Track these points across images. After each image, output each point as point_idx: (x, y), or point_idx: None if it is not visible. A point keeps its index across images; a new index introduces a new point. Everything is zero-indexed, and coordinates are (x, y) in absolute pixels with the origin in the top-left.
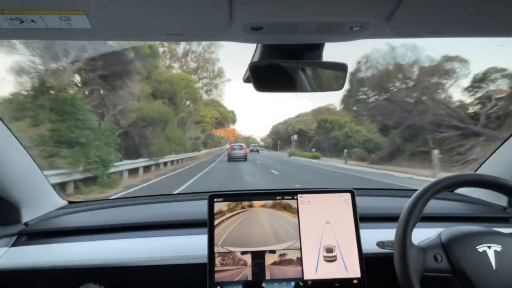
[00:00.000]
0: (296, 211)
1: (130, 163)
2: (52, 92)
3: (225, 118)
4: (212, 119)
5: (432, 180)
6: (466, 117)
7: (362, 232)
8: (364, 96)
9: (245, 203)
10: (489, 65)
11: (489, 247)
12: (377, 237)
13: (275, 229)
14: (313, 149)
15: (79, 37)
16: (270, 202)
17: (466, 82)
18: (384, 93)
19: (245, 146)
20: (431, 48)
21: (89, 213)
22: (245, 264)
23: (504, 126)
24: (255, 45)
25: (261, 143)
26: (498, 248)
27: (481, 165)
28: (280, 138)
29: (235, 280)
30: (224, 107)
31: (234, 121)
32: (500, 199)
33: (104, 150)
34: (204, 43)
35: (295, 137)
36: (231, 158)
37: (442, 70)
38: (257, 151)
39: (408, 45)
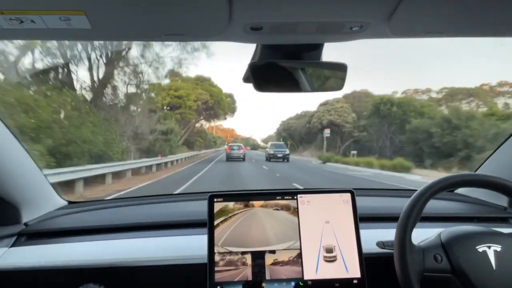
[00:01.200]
0: (296, 211)
1: None
2: None
3: (219, 103)
4: (198, 102)
5: (433, 180)
6: None
7: (362, 232)
8: None
9: (245, 203)
10: None
11: (489, 247)
12: (377, 237)
13: (275, 229)
14: (353, 152)
15: (79, 37)
16: (270, 202)
17: None
18: None
19: (243, 147)
20: None
21: (89, 213)
22: (245, 264)
23: None
24: (255, 45)
25: (262, 144)
26: (498, 248)
27: (481, 165)
28: (292, 136)
29: (235, 280)
30: (218, 87)
31: (233, 110)
32: (500, 199)
33: None
34: None
35: (327, 132)
36: (230, 158)
37: None
38: (285, 158)
39: None
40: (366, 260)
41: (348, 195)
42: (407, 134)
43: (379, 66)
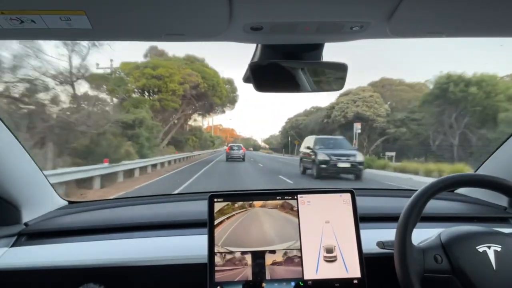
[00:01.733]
0: (296, 211)
1: None
2: None
3: (215, 89)
4: (186, 86)
5: (433, 180)
6: None
7: (362, 232)
8: None
9: (246, 203)
10: None
11: (489, 247)
12: (377, 237)
13: (275, 229)
14: (390, 154)
15: (79, 37)
16: (270, 202)
17: None
18: None
19: (243, 147)
20: None
21: (89, 213)
22: (245, 264)
23: None
24: (255, 45)
25: (262, 145)
26: (498, 248)
27: (481, 165)
28: (301, 135)
29: (235, 280)
30: (212, 69)
31: (233, 100)
32: (500, 199)
33: None
34: None
35: (358, 128)
36: (230, 158)
37: None
38: (357, 171)
39: None
40: (366, 260)
41: (348, 195)
42: (500, 127)
43: (408, 54)
